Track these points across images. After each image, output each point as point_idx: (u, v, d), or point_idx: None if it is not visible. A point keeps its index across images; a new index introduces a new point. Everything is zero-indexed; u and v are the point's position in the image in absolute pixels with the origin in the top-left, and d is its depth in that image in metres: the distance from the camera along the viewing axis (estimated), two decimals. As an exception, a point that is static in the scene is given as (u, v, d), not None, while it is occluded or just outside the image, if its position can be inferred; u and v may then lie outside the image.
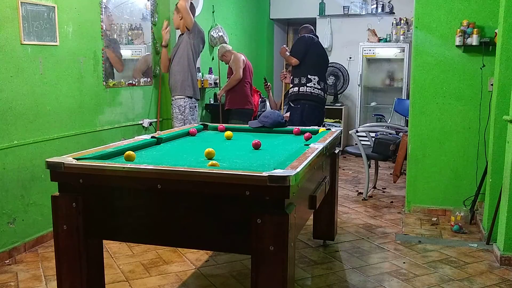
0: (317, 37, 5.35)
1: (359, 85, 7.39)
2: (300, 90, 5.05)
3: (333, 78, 7.47)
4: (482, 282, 3.03)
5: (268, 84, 5.74)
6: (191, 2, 4.84)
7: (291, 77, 5.21)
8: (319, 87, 5.06)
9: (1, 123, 3.23)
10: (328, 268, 3.24)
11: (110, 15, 4.26)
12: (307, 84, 5.02)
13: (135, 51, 4.76)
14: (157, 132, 3.56)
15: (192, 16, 4.60)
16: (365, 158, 4.89)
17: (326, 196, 3.15)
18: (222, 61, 5.66)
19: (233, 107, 5.43)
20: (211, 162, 2.28)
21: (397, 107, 6.69)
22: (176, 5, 4.64)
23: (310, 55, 5.11)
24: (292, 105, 5.14)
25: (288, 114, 5.27)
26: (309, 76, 5.04)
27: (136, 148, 2.73)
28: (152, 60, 4.96)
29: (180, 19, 4.63)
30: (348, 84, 7.55)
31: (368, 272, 3.18)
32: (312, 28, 5.44)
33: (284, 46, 5.41)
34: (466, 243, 3.69)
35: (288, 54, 5.21)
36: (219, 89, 5.78)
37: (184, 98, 4.65)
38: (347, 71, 7.52)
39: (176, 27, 4.78)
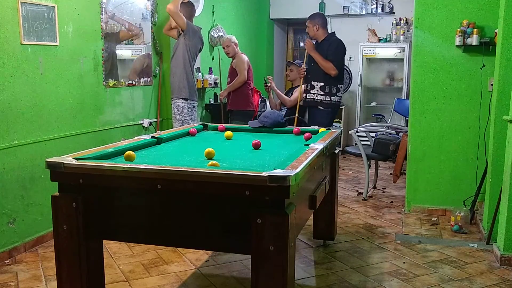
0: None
1: (359, 85, 7.39)
2: (332, 100, 4.86)
3: None
4: (482, 282, 3.03)
5: (269, 84, 5.71)
6: (190, 2, 4.83)
7: (322, 85, 4.84)
8: (341, 95, 5.01)
9: (1, 123, 3.23)
10: (328, 268, 3.25)
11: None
12: (337, 94, 4.88)
13: (135, 51, 4.76)
14: (157, 132, 3.56)
15: (183, 17, 4.58)
16: (365, 158, 4.89)
17: (326, 196, 3.15)
18: (224, 50, 5.56)
19: (235, 108, 5.42)
20: (211, 162, 2.28)
21: (397, 107, 6.69)
22: None
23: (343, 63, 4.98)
24: (321, 108, 4.90)
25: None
26: (338, 86, 4.89)
27: (136, 148, 2.73)
28: (152, 60, 4.96)
29: None
30: (351, 84, 7.55)
31: (368, 272, 3.18)
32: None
33: (309, 39, 4.99)
34: (466, 243, 3.69)
35: (318, 53, 4.83)
36: (220, 90, 5.77)
37: (181, 99, 4.67)
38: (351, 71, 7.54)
39: (174, 27, 4.78)
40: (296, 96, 5.27)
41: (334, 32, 5.10)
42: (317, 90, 4.90)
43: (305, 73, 5.07)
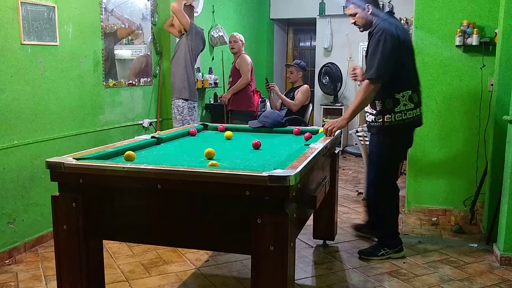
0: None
1: (359, 85, 7.37)
2: (386, 119, 3.29)
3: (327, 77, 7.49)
4: (482, 282, 3.03)
5: (269, 84, 5.68)
6: (191, 5, 4.82)
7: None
8: (405, 109, 3.31)
9: (1, 123, 3.23)
10: (328, 268, 3.25)
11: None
12: (395, 110, 3.27)
13: (135, 51, 4.76)
14: (157, 132, 3.56)
15: (187, 17, 4.58)
16: (365, 158, 4.89)
17: (326, 196, 3.15)
18: (230, 45, 5.50)
19: (237, 108, 5.40)
20: (211, 162, 2.28)
21: (397, 107, 6.67)
22: None
23: None
24: (373, 132, 3.43)
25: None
26: (396, 96, 3.25)
27: (136, 148, 2.73)
28: (152, 60, 4.95)
29: None
30: (341, 86, 7.56)
31: (368, 272, 3.18)
32: None
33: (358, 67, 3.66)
34: (466, 243, 3.69)
35: None
36: (223, 91, 5.73)
37: (181, 99, 4.66)
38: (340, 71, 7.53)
39: (178, 29, 4.78)
40: (301, 99, 5.27)
41: (390, 10, 3.51)
42: (367, 108, 3.40)
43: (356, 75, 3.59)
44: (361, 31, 3.50)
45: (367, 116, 3.42)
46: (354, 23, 3.43)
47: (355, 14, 3.39)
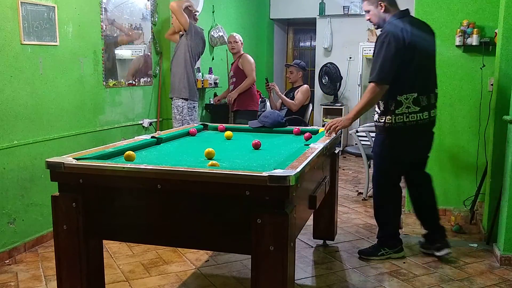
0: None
1: (359, 85, 7.39)
2: (387, 120, 3.26)
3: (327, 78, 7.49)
4: (482, 282, 3.03)
5: (269, 84, 5.68)
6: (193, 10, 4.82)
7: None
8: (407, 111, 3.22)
9: (1, 123, 3.23)
10: (328, 268, 3.25)
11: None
12: (396, 111, 3.21)
13: (135, 51, 4.76)
14: (157, 132, 3.56)
15: (186, 16, 4.58)
16: (365, 158, 4.89)
17: (326, 196, 3.15)
18: (229, 45, 5.49)
19: (242, 108, 5.39)
20: (211, 162, 2.28)
21: (397, 107, 6.67)
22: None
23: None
24: (377, 132, 3.45)
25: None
26: (398, 98, 3.20)
27: (136, 148, 2.74)
28: (152, 60, 4.95)
29: None
30: (340, 85, 7.55)
31: (368, 272, 3.18)
32: None
33: None
34: (466, 243, 3.68)
35: None
36: (229, 90, 5.72)
37: (181, 99, 4.66)
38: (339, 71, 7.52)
39: (177, 30, 4.78)
40: (301, 99, 5.26)
41: (407, 9, 3.33)
42: (375, 106, 3.35)
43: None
44: (376, 29, 3.49)
45: (374, 115, 3.40)
46: (369, 20, 3.40)
47: (369, 11, 3.34)
